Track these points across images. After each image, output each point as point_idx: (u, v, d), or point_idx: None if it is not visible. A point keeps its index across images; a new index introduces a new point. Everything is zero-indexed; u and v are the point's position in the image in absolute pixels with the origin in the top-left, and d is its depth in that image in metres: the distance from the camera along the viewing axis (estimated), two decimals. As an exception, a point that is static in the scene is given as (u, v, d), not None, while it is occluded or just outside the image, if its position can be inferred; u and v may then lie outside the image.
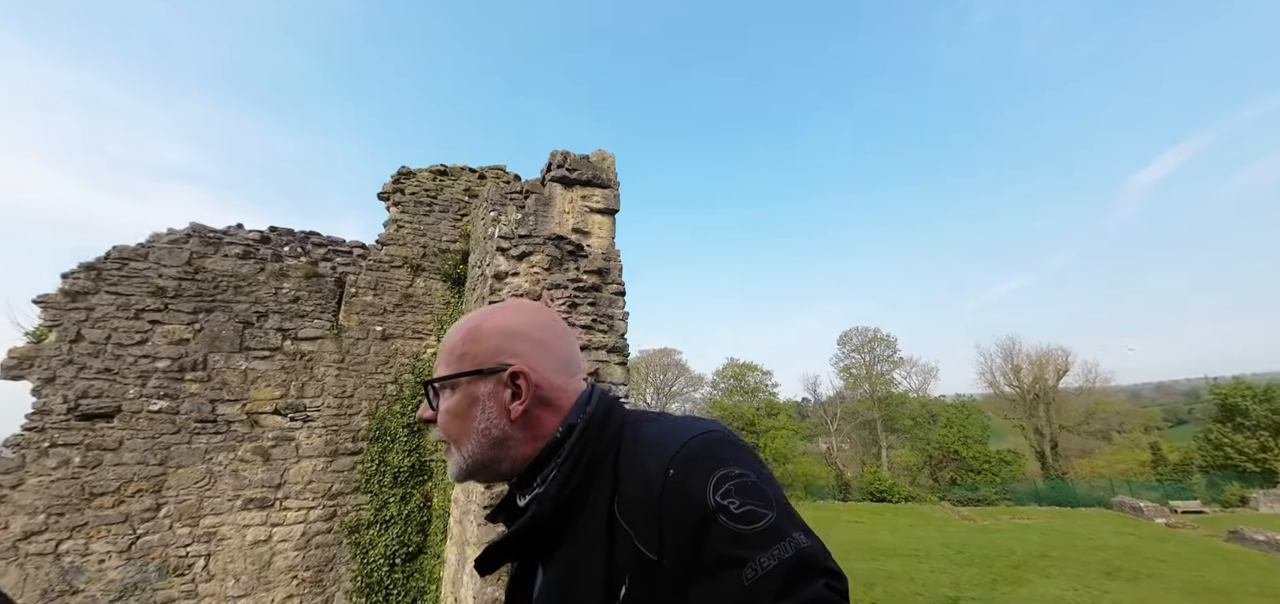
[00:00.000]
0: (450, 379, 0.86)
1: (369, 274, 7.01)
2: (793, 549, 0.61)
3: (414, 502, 6.21)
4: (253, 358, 6.04)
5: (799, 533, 0.63)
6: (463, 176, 8.38)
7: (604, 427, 0.81)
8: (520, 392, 0.83)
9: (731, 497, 0.65)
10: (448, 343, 0.90)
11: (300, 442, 6.00)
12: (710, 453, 0.70)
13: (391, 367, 6.72)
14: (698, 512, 0.65)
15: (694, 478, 0.67)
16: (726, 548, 0.62)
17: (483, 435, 0.84)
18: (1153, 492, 23.57)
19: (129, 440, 5.27)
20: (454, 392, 0.86)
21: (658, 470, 0.70)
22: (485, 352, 0.85)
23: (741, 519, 0.63)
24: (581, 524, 0.75)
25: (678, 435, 0.74)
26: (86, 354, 5.33)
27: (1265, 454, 22.10)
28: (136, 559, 5.09)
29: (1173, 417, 53.79)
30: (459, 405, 0.85)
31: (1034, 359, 34.43)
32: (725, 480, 0.66)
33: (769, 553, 0.61)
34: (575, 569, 0.74)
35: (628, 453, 0.77)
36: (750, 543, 0.62)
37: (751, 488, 0.66)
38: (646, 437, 0.77)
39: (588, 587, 0.71)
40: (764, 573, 0.60)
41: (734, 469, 0.68)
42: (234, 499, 5.56)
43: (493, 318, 0.89)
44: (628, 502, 0.72)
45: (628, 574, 0.68)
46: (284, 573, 5.59)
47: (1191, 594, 10.62)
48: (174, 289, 5.86)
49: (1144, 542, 15.64)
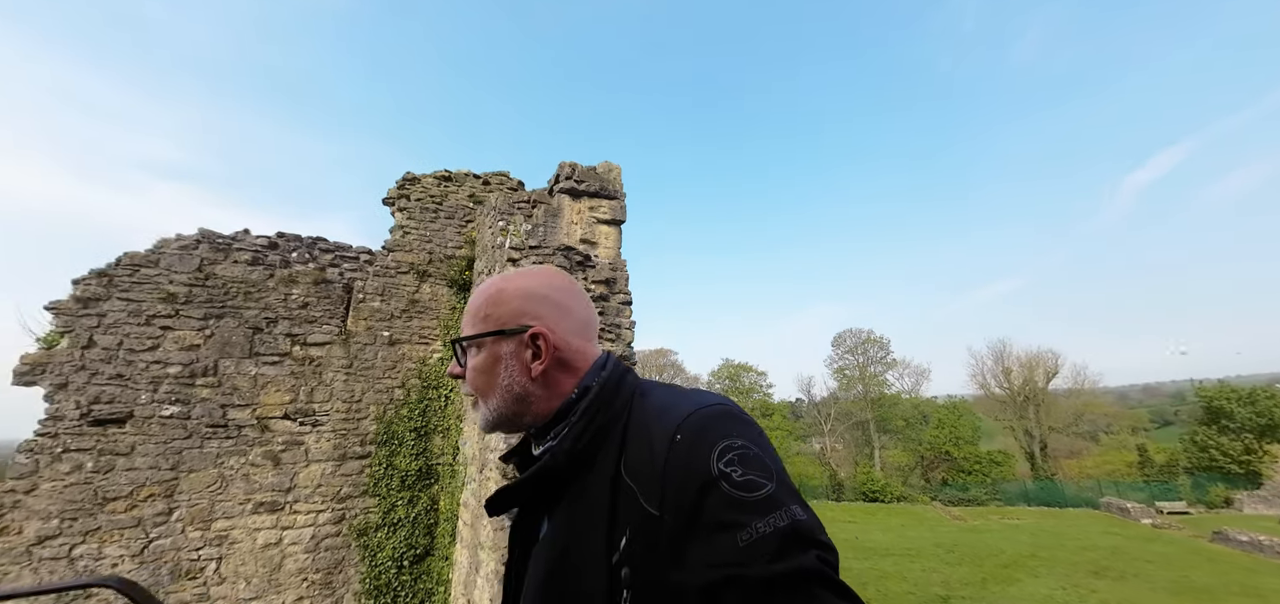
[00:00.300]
0: (476, 338, 0.90)
1: (376, 280, 7.10)
2: (788, 519, 0.63)
3: (421, 505, 6.31)
4: (262, 363, 6.11)
5: (796, 505, 0.65)
6: (467, 182, 8.47)
7: (617, 391, 0.85)
8: (540, 352, 0.87)
9: (734, 465, 0.67)
10: (473, 304, 0.94)
11: (309, 446, 6.09)
12: (716, 424, 0.72)
13: (398, 371, 6.81)
14: (701, 476, 0.67)
15: (699, 445, 0.70)
16: (725, 512, 0.64)
17: (506, 391, 0.88)
18: (1139, 493, 24.00)
19: (141, 445, 5.34)
20: (480, 350, 0.90)
21: (664, 435, 0.73)
22: (507, 313, 0.89)
23: (742, 487, 0.65)
24: (589, 479, 0.78)
25: (687, 404, 0.77)
26: (98, 360, 5.39)
27: (1249, 456, 22.55)
28: (149, 562, 5.16)
29: (1159, 418, 54.67)
30: (484, 363, 0.89)
31: (1024, 361, 34.95)
32: (729, 450, 0.68)
33: (765, 520, 0.62)
34: (579, 520, 0.76)
35: (637, 417, 0.80)
36: (748, 509, 0.63)
37: (753, 459, 0.68)
38: (656, 403, 0.81)
39: (590, 536, 0.74)
40: (759, 537, 0.61)
41: (738, 441, 0.70)
42: (245, 503, 5.64)
43: (515, 280, 0.93)
44: (634, 461, 0.75)
45: (629, 527, 0.70)
46: (294, 575, 5.68)
47: (1176, 594, 10.90)
48: (185, 295, 5.92)
49: (1131, 542, 15.95)
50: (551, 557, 0.77)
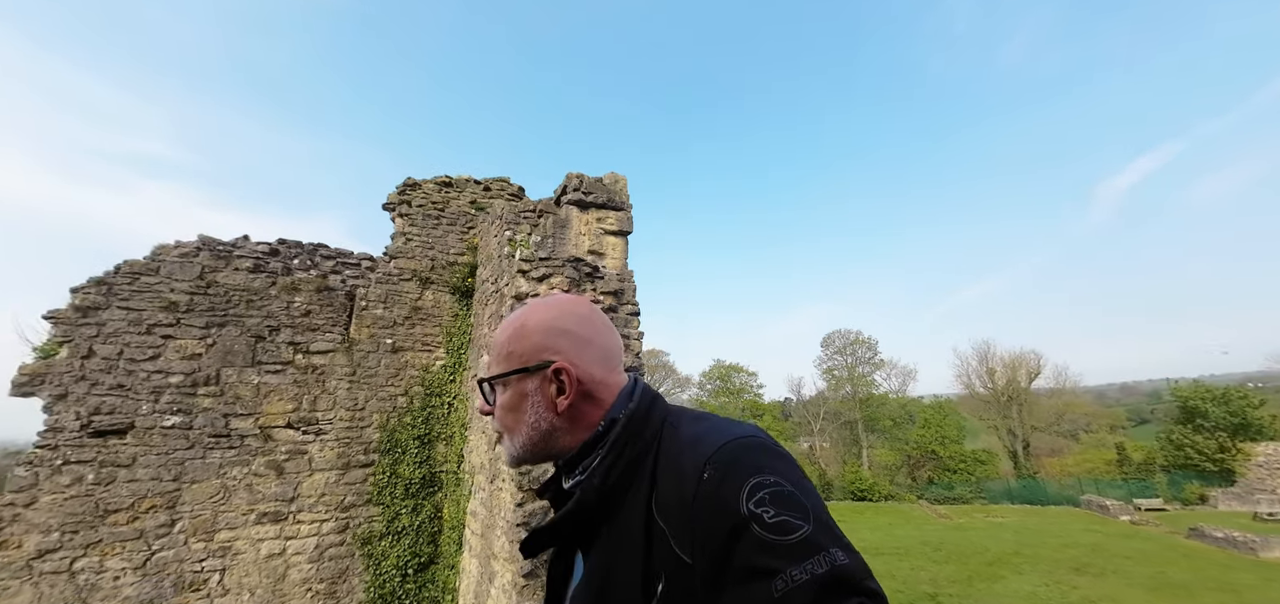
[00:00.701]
0: (501, 378, 0.90)
1: (378, 287, 7.08)
2: (827, 564, 0.59)
3: (425, 513, 6.33)
4: (265, 372, 6.08)
5: (837, 548, 0.61)
6: (468, 188, 8.47)
7: (646, 421, 0.83)
8: (564, 387, 0.86)
9: (765, 505, 0.63)
10: (497, 340, 0.94)
11: (313, 455, 6.06)
12: (747, 458, 0.69)
13: (402, 379, 6.81)
14: (731, 518, 0.64)
15: (728, 484, 0.66)
16: (757, 557, 0.60)
17: (532, 428, 0.88)
18: (1118, 490, 24.67)
19: (142, 456, 5.29)
20: (506, 388, 0.90)
21: (693, 472, 0.70)
22: (529, 348, 0.89)
23: (774, 529, 0.61)
24: (621, 519, 0.76)
25: (715, 438, 0.73)
26: (98, 370, 5.32)
27: (1223, 454, 23.26)
28: (151, 575, 5.11)
29: (1136, 417, 56.12)
30: (510, 401, 0.89)
31: (1007, 362, 35.73)
32: (760, 488, 0.65)
33: (801, 567, 0.58)
34: (614, 564, 0.75)
35: (667, 451, 0.78)
36: (782, 554, 0.60)
37: (787, 498, 0.64)
38: (686, 436, 0.78)
39: (625, 583, 0.72)
40: (794, 586, 0.57)
41: (769, 477, 0.66)
42: (248, 513, 5.61)
43: (536, 314, 0.92)
44: (665, 500, 0.72)
45: (664, 573, 0.68)
46: (298, 586, 5.67)
47: (1155, 590, 11.28)
48: (186, 303, 5.87)
49: (1110, 539, 16.43)
50: (588, 599, 0.76)
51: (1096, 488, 25.33)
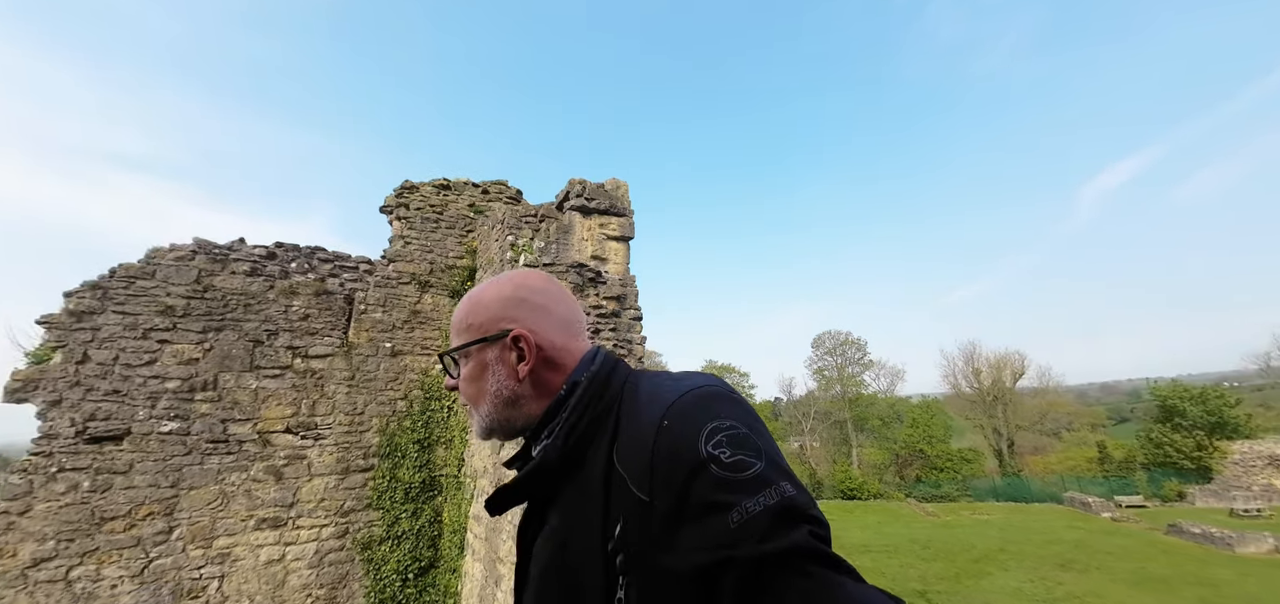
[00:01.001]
0: (461, 349, 0.93)
1: (377, 291, 7.06)
2: (778, 496, 0.62)
3: (425, 517, 6.33)
4: (263, 377, 6.03)
5: (786, 482, 0.64)
6: (466, 191, 8.47)
7: (608, 384, 0.85)
8: (524, 354, 0.88)
9: (722, 447, 0.66)
10: (456, 316, 0.96)
11: (312, 460, 6.04)
12: (703, 406, 0.72)
13: (401, 383, 6.80)
14: (689, 460, 0.66)
15: (686, 428, 0.69)
16: (714, 493, 0.63)
17: (495, 397, 0.90)
18: (1099, 488, 25.26)
19: (139, 463, 5.23)
20: (467, 360, 0.92)
21: (652, 421, 0.73)
22: (488, 319, 0.91)
23: (731, 468, 0.64)
24: (584, 474, 0.78)
25: (674, 388, 0.77)
26: (94, 376, 5.25)
27: (1200, 452, 23.91)
28: (149, 583, 5.06)
29: (1116, 415, 57.43)
30: (472, 372, 0.91)
31: (993, 362, 36.40)
32: (717, 432, 0.67)
33: (755, 499, 0.61)
34: (574, 512, 0.77)
35: (628, 406, 0.80)
36: (737, 488, 0.62)
37: (742, 439, 0.67)
38: (645, 391, 0.81)
39: (585, 527, 0.74)
40: (750, 517, 0.60)
41: (726, 421, 0.69)
42: (247, 519, 5.57)
43: (491, 288, 0.95)
44: (624, 450, 0.74)
45: (622, 515, 0.70)
46: (298, 591, 5.64)
47: (1136, 585, 11.61)
48: (182, 308, 5.81)
49: (1092, 535, 16.84)
50: (550, 550, 0.79)
51: (1079, 486, 25.92)
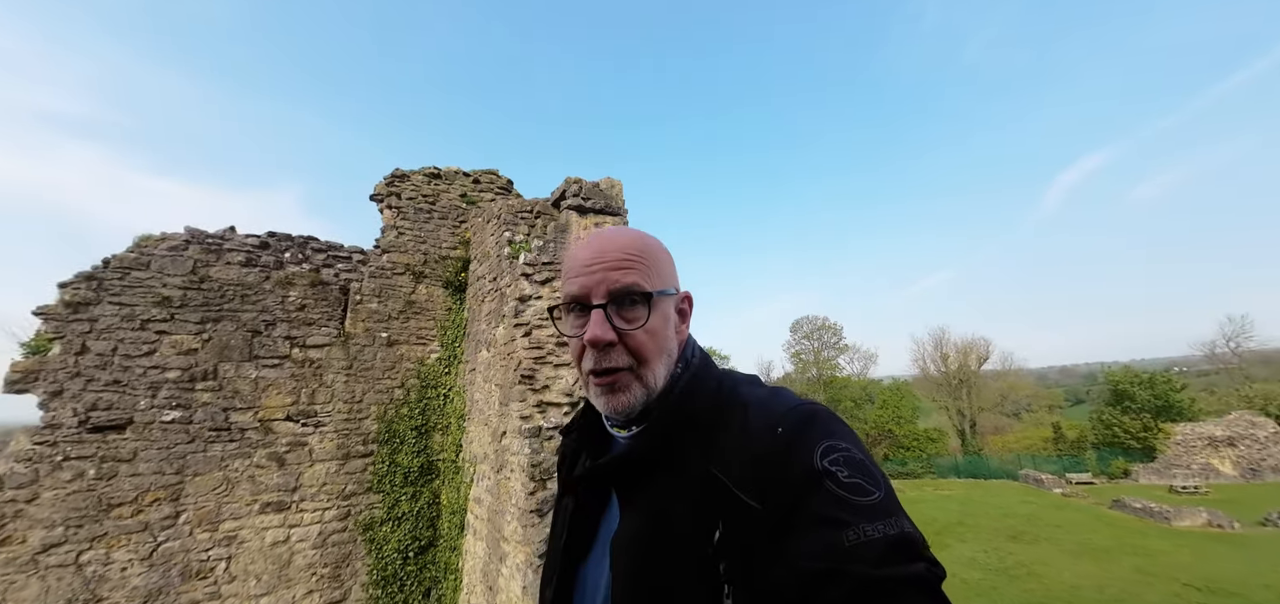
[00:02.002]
0: (661, 295, 0.81)
1: (372, 281, 7.19)
2: (897, 529, 0.60)
3: (424, 499, 6.61)
4: (262, 366, 6.17)
5: (905, 519, 0.62)
6: (457, 180, 8.57)
7: (705, 378, 0.83)
8: (686, 316, 0.84)
9: (840, 466, 0.65)
10: (636, 248, 0.82)
11: (313, 446, 6.23)
12: (819, 422, 0.71)
13: (398, 372, 7.00)
14: (805, 471, 0.65)
15: (803, 441, 0.68)
16: (830, 509, 0.62)
17: (669, 359, 0.83)
18: (1053, 465, 26.89)
19: (144, 451, 5.35)
20: (653, 309, 0.81)
21: (765, 428, 0.72)
22: (668, 268, 0.84)
23: (850, 489, 0.63)
24: (678, 468, 0.75)
25: (786, 400, 0.76)
26: (93, 366, 5.32)
27: (1146, 433, 25.57)
28: (159, 565, 5.24)
29: (1073, 397, 60.53)
30: (657, 324, 0.81)
31: (960, 347, 38.06)
32: (833, 450, 0.67)
33: (874, 525, 0.60)
34: (667, 513, 0.73)
35: (729, 407, 0.78)
36: (855, 511, 0.61)
37: (859, 464, 0.66)
38: (750, 396, 0.79)
39: (682, 531, 0.71)
40: (866, 540, 0.59)
41: (842, 442, 0.68)
42: (252, 504, 5.76)
43: (642, 237, 0.85)
44: (726, 453, 0.72)
45: (721, 520, 0.69)
46: (303, 570, 5.88)
47: (1078, 555, 12.65)
48: (179, 299, 5.87)
49: (1043, 510, 18.07)
50: (638, 553, 0.74)
51: (1033, 464, 27.53)
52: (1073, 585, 10.52)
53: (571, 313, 0.83)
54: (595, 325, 0.78)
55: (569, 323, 0.83)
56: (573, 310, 0.82)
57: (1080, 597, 9.93)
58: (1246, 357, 36.09)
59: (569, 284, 0.83)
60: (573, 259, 0.84)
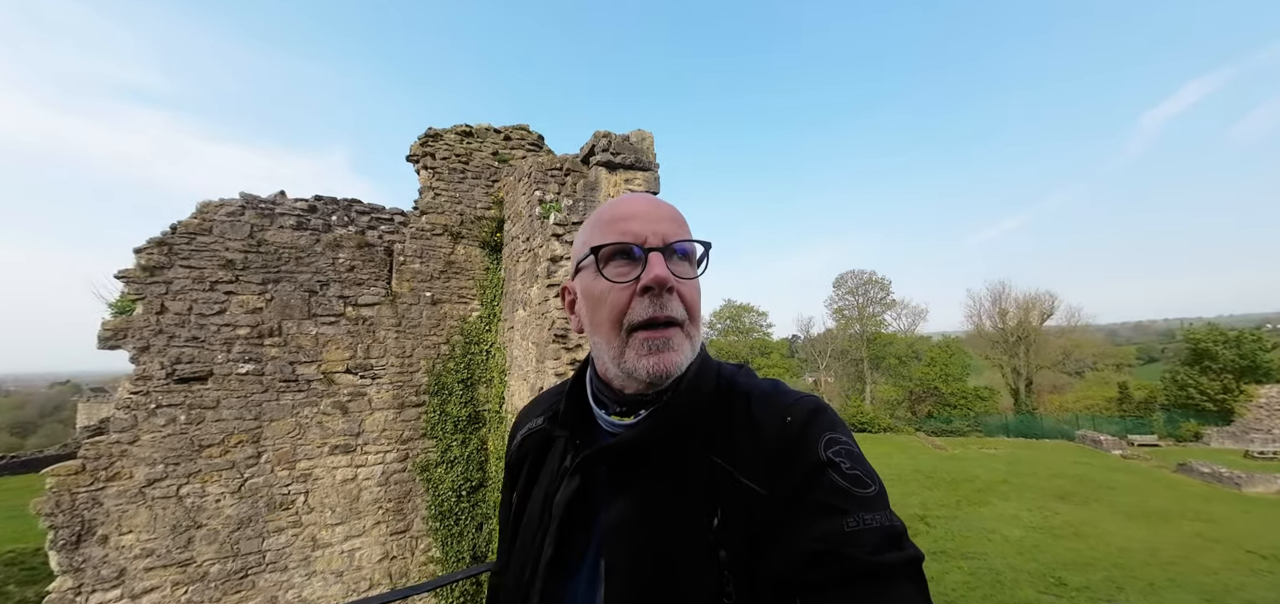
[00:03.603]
0: (706, 251, 0.82)
1: (413, 243, 7.50)
2: (889, 522, 0.65)
3: (473, 445, 7.11)
4: (321, 324, 6.65)
5: (895, 515, 0.66)
6: (488, 138, 8.64)
7: (709, 364, 0.84)
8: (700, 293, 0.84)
9: (842, 458, 0.69)
10: (671, 212, 0.81)
11: (372, 396, 6.76)
12: (822, 415, 0.74)
13: (443, 329, 7.38)
14: (811, 460, 0.69)
15: (809, 432, 0.72)
16: (833, 498, 0.66)
17: (701, 323, 0.85)
18: (1114, 426, 25.48)
19: (225, 399, 5.97)
20: (694, 267, 0.82)
21: (773, 417, 0.75)
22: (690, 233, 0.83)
23: (851, 480, 0.67)
24: (675, 452, 0.76)
25: (790, 394, 0.79)
26: (173, 324, 5.90)
27: (1226, 395, 23.66)
28: (247, 498, 5.94)
29: (1146, 355, 56.43)
30: (697, 286, 0.82)
31: (1021, 302, 35.78)
32: (835, 443, 0.71)
33: (872, 515, 0.64)
34: (668, 497, 0.74)
35: (730, 395, 0.80)
36: (855, 501, 0.65)
37: (859, 458, 0.70)
38: (750, 386, 0.81)
39: (684, 518, 0.72)
40: (864, 528, 0.63)
41: (843, 437, 0.72)
42: (322, 446, 6.38)
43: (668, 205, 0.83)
44: (730, 441, 0.75)
45: (722, 508, 0.71)
46: (371, 505, 6.55)
47: (1132, 517, 12.12)
48: (241, 262, 6.35)
49: (1097, 470, 17.28)
50: (638, 539, 0.73)
51: (1093, 423, 26.19)
52: (1122, 547, 10.18)
53: (613, 262, 0.77)
54: (657, 266, 0.73)
55: (613, 269, 0.76)
56: (616, 259, 0.77)
57: (1129, 558, 9.62)
58: (1356, 312, 32.15)
59: (611, 231, 0.77)
60: (615, 209, 0.80)
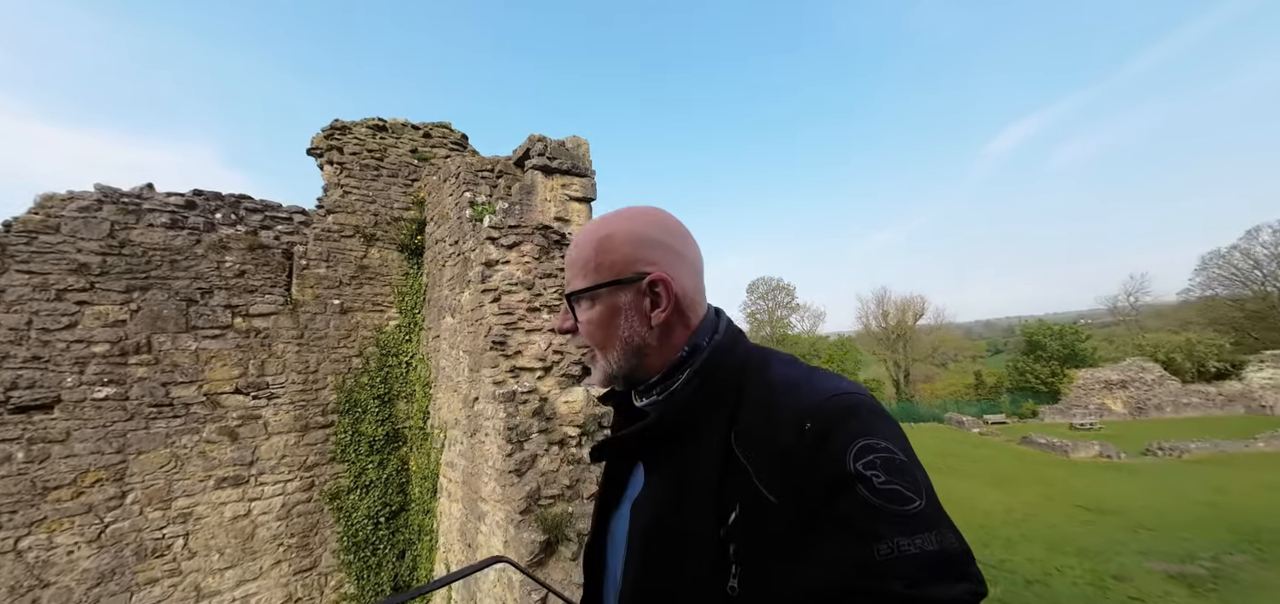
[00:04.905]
0: (590, 291, 0.84)
1: (318, 244, 6.81)
2: (938, 544, 0.55)
3: (392, 466, 6.55)
4: (202, 337, 5.79)
5: (949, 532, 0.57)
6: (405, 134, 8.10)
7: (730, 354, 0.80)
8: (659, 300, 0.81)
9: (875, 469, 0.59)
10: (578, 254, 0.86)
11: (268, 419, 5.99)
12: (854, 416, 0.64)
13: (354, 340, 6.76)
14: (834, 473, 0.60)
15: (834, 438, 0.62)
16: (861, 519, 0.57)
17: (626, 344, 0.83)
18: (972, 408, 29.80)
19: (77, 430, 4.97)
20: (594, 303, 0.84)
21: (791, 418, 0.66)
22: (620, 260, 0.82)
23: (885, 496, 0.57)
24: (696, 442, 0.74)
25: (818, 388, 0.70)
26: (7, 341, 4.82)
27: (1053, 378, 28.70)
28: (109, 546, 4.97)
29: (993, 348, 66.51)
30: (601, 316, 0.84)
31: (899, 304, 40.78)
32: (869, 451, 0.60)
33: (911, 539, 0.55)
34: (683, 486, 0.73)
35: (755, 388, 0.75)
36: (890, 521, 0.56)
37: (900, 467, 0.60)
38: (779, 378, 0.74)
39: (695, 506, 0.70)
40: (900, 554, 0.54)
41: (881, 442, 0.61)
42: (206, 479, 5.52)
43: (623, 223, 0.85)
44: (749, 437, 0.69)
45: (738, 504, 0.66)
46: (269, 542, 5.76)
47: (992, 484, 14.30)
48: (98, 266, 5.36)
49: (962, 447, 20.15)
50: (652, 516, 0.76)
51: (957, 407, 30.38)
52: (986, 511, 11.94)
53: None
54: (562, 315, 0.91)
55: None
56: None
57: (991, 520, 11.31)
58: (1143, 309, 40.74)
59: None
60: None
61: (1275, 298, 30.87)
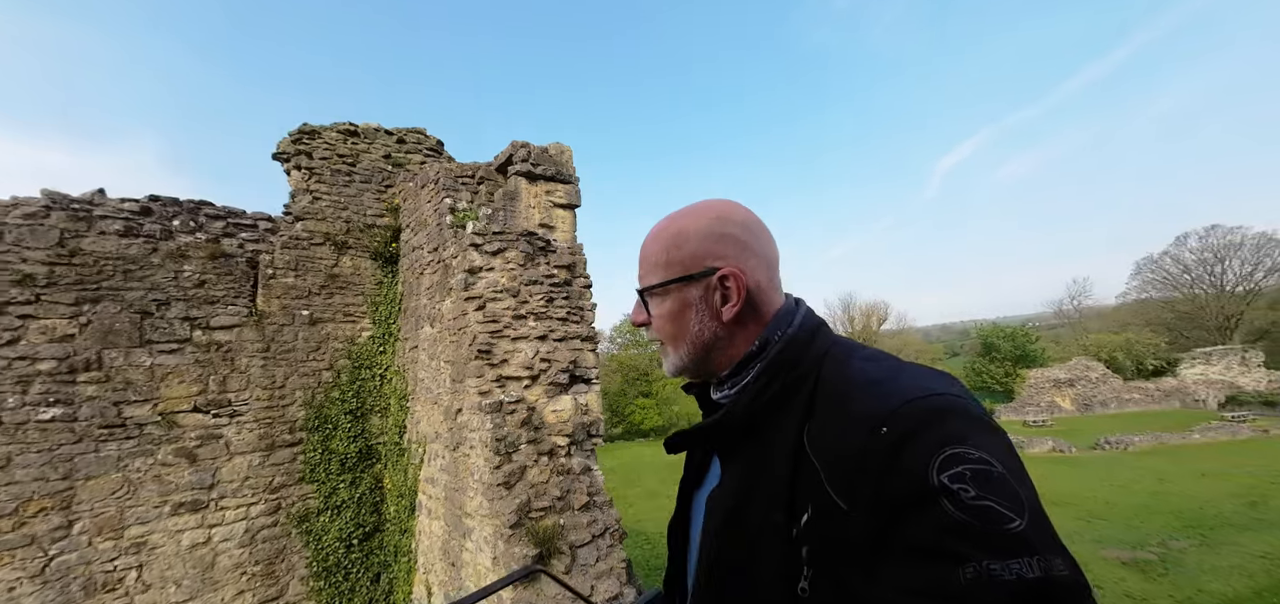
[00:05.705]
0: (660, 287, 0.86)
1: (286, 253, 6.52)
2: (1041, 570, 0.47)
3: (365, 485, 6.27)
4: (158, 352, 5.42)
5: (1056, 556, 0.49)
6: (378, 139, 7.87)
7: (807, 348, 0.78)
8: (730, 295, 0.81)
9: (964, 483, 0.52)
10: (650, 250, 0.88)
11: (230, 438, 5.64)
12: (941, 422, 0.57)
13: (325, 352, 6.47)
14: (913, 485, 0.54)
15: (915, 446, 0.55)
16: (944, 539, 0.50)
17: (696, 339, 0.84)
18: (934, 409, 31.13)
19: (19, 455, 4.55)
20: (665, 297, 0.86)
21: (864, 420, 0.61)
22: (690, 255, 0.83)
23: (975, 514, 0.50)
24: (768, 439, 0.73)
25: (902, 388, 0.62)
26: (-66, 359, 4.39)
27: (1008, 378, 30.24)
28: (54, 581, 4.55)
29: (951, 350, 69.39)
30: (672, 310, 0.86)
31: (864, 310, 42.20)
32: (957, 462, 0.53)
33: (1006, 564, 0.47)
34: (755, 483, 0.72)
35: (830, 382, 0.71)
36: (980, 543, 0.49)
37: (997, 481, 0.52)
38: (859, 375, 0.69)
39: (768, 502, 0.68)
40: (991, 580, 0.47)
41: (973, 451, 0.54)
42: (161, 505, 5.14)
43: (692, 219, 0.86)
44: (822, 438, 0.66)
45: (810, 505, 0.63)
46: (231, 571, 5.40)
47: (959, 482, 14.93)
48: (45, 276, 4.97)
49: (931, 448, 21.01)
50: (726, 510, 0.76)
51: (919, 408, 31.63)
52: (955, 508, 12.43)
53: None
54: (635, 310, 0.94)
55: None
56: None
57: (961, 517, 11.77)
58: (1086, 312, 43.47)
59: None
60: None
61: (1203, 299, 33.45)
